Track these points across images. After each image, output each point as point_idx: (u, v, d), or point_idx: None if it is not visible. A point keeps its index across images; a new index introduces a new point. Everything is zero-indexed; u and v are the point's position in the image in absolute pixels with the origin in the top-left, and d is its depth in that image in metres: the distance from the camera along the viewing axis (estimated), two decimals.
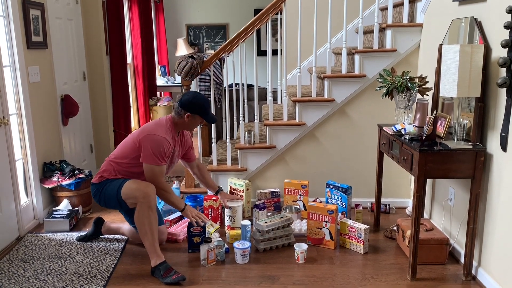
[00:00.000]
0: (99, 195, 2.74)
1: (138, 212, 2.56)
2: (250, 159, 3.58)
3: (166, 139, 2.64)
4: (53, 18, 3.71)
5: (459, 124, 2.44)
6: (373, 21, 3.57)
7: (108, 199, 2.71)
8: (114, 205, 2.73)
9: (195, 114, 2.72)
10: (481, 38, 2.41)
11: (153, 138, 2.62)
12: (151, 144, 2.60)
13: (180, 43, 7.05)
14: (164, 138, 2.63)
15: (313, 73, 3.56)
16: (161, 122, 2.72)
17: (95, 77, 4.45)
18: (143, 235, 2.58)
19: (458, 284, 2.47)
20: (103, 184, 2.72)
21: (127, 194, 2.61)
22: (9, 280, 2.53)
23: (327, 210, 2.88)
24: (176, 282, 2.48)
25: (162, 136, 2.63)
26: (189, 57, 3.52)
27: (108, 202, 2.73)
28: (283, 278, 2.55)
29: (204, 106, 2.73)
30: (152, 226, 2.57)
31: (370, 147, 3.55)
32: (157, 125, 2.70)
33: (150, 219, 2.56)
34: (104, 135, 4.59)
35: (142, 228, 2.57)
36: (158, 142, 2.61)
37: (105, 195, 2.71)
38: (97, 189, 2.75)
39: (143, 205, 2.54)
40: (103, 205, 2.78)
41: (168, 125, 2.72)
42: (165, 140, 2.63)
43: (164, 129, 2.68)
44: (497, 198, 2.34)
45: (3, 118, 2.95)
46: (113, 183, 2.68)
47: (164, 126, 2.70)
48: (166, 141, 2.64)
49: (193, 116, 2.73)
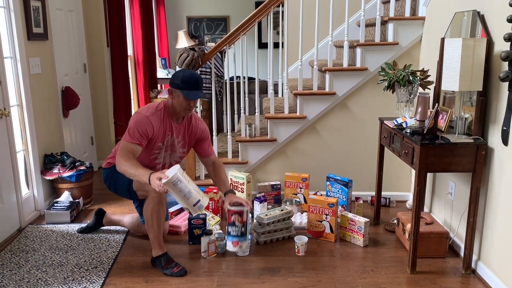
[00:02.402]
0: (109, 181, 2.71)
1: (148, 205, 2.54)
2: (250, 152, 3.58)
3: (148, 119, 2.46)
4: (53, 9, 3.69)
5: (461, 118, 2.44)
6: (375, 14, 3.55)
7: (119, 187, 2.68)
8: (125, 194, 2.70)
9: (176, 88, 2.46)
10: (483, 32, 2.39)
11: (135, 116, 2.49)
12: (131, 121, 2.48)
13: (181, 35, 7.02)
14: (145, 117, 2.46)
15: (314, 66, 3.55)
16: (154, 104, 2.58)
17: (95, 69, 4.44)
18: (149, 227, 2.57)
19: (457, 277, 2.48)
20: (112, 171, 2.68)
21: (138, 187, 2.57)
22: (10, 271, 2.55)
23: (328, 203, 2.88)
24: (177, 275, 2.49)
25: (144, 114, 2.47)
26: (190, 50, 3.51)
27: (118, 190, 2.70)
28: (283, 271, 2.56)
29: (184, 79, 2.43)
30: (159, 220, 2.56)
31: (371, 140, 3.55)
32: (149, 105, 2.57)
33: (158, 213, 2.55)
34: (104, 127, 4.59)
35: (149, 221, 2.56)
36: (137, 120, 2.46)
37: (116, 183, 2.68)
38: (106, 175, 2.72)
39: (155, 199, 2.51)
40: (113, 191, 2.74)
41: (160, 107, 2.55)
42: (146, 119, 2.46)
43: (153, 110, 2.52)
44: (497, 192, 2.34)
45: (4, 109, 2.95)
46: None
47: (155, 107, 2.54)
48: (148, 120, 2.45)
49: (175, 91, 2.47)
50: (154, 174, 2.25)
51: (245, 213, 2.41)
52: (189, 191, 2.24)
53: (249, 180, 3.45)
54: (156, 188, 2.22)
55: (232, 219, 2.42)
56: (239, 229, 2.41)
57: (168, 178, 2.19)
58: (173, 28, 7.45)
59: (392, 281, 2.45)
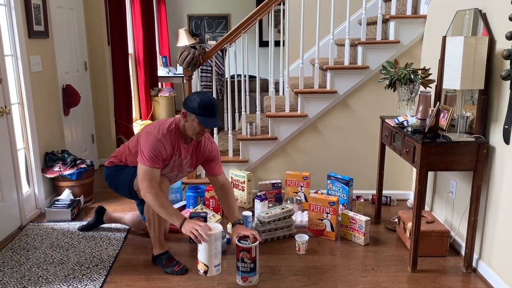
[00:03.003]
0: (110, 180, 2.71)
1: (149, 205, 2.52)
2: (251, 150, 3.58)
3: (161, 141, 2.39)
4: (54, 7, 3.69)
5: (462, 117, 2.43)
6: (377, 12, 3.55)
7: (120, 186, 2.68)
8: (125, 193, 2.69)
9: (191, 113, 2.37)
10: (485, 30, 2.39)
11: (147, 137, 2.41)
12: (143, 144, 2.41)
13: (182, 33, 7.02)
14: (158, 140, 2.39)
15: (315, 64, 3.55)
16: (165, 123, 2.48)
17: (96, 67, 4.44)
18: (150, 226, 2.57)
19: (458, 276, 2.48)
20: (114, 170, 2.69)
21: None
22: (11, 268, 2.55)
23: (328, 201, 2.88)
24: (178, 274, 2.49)
25: (156, 137, 2.39)
26: (191, 48, 3.51)
27: (119, 188, 2.70)
28: (284, 269, 2.56)
29: (201, 104, 2.34)
30: (160, 220, 2.55)
31: (372, 139, 3.54)
32: (160, 125, 2.47)
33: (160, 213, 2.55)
34: (105, 125, 4.59)
35: (150, 221, 2.56)
36: (150, 143, 2.39)
37: (118, 182, 2.68)
38: (108, 174, 2.73)
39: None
40: (114, 190, 2.74)
41: (172, 127, 2.46)
42: (159, 142, 2.39)
43: (164, 130, 2.43)
44: (498, 191, 2.34)
45: (4, 107, 2.95)
46: (127, 170, 2.64)
47: (166, 127, 2.44)
48: (160, 143, 2.39)
49: (189, 115, 2.38)
50: (189, 221, 2.27)
51: (254, 250, 2.33)
52: (219, 251, 2.27)
53: (250, 179, 3.45)
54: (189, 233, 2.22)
55: (240, 256, 2.34)
56: (248, 265, 2.36)
57: (216, 231, 2.21)
58: (174, 26, 7.45)
59: (393, 279, 2.45)
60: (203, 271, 2.25)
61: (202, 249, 2.23)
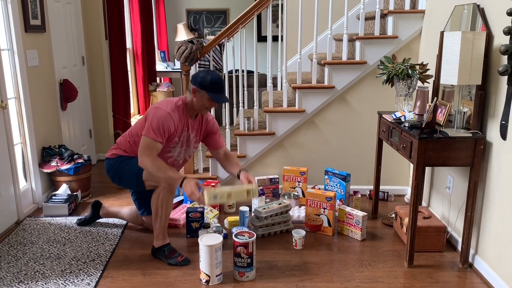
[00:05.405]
0: (114, 171, 2.69)
1: (159, 195, 2.54)
2: (249, 145, 3.58)
3: (170, 116, 2.49)
4: (51, 1, 3.67)
5: (459, 112, 2.43)
6: (375, 7, 3.53)
7: (125, 177, 2.66)
8: (131, 184, 2.68)
9: (202, 89, 2.50)
10: (483, 25, 2.38)
11: (157, 111, 2.50)
12: (153, 117, 2.49)
13: (180, 28, 6.98)
14: (168, 114, 2.48)
15: (313, 59, 3.54)
16: (173, 99, 2.60)
17: (94, 62, 4.42)
18: (157, 217, 2.58)
19: (454, 271, 2.49)
20: (118, 161, 2.67)
21: (148, 177, 2.55)
22: (8, 263, 2.55)
23: (326, 197, 2.88)
24: (182, 265, 2.53)
25: (166, 111, 2.49)
26: (189, 42, 3.49)
27: (123, 180, 2.68)
28: (280, 264, 2.56)
29: (213, 82, 2.48)
30: (168, 210, 2.58)
31: (370, 134, 3.54)
32: (168, 101, 2.58)
33: (168, 204, 2.56)
34: (103, 120, 4.58)
35: (158, 211, 2.56)
36: (160, 116, 2.47)
37: (122, 173, 2.66)
38: (111, 165, 2.70)
39: (166, 189, 2.52)
40: (117, 182, 2.72)
41: (179, 103, 2.57)
42: (169, 116, 2.48)
43: (173, 106, 2.54)
44: (495, 186, 2.34)
45: (1, 102, 2.94)
46: (134, 160, 2.62)
47: (174, 103, 2.56)
48: (170, 117, 2.49)
49: (199, 91, 2.51)
50: (188, 182, 2.40)
51: (251, 245, 2.35)
52: (220, 262, 2.35)
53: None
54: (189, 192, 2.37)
55: (237, 251, 2.36)
56: (245, 260, 2.38)
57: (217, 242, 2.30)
58: (173, 21, 7.42)
59: (389, 274, 2.45)
60: (205, 280, 2.34)
61: (204, 260, 2.32)
